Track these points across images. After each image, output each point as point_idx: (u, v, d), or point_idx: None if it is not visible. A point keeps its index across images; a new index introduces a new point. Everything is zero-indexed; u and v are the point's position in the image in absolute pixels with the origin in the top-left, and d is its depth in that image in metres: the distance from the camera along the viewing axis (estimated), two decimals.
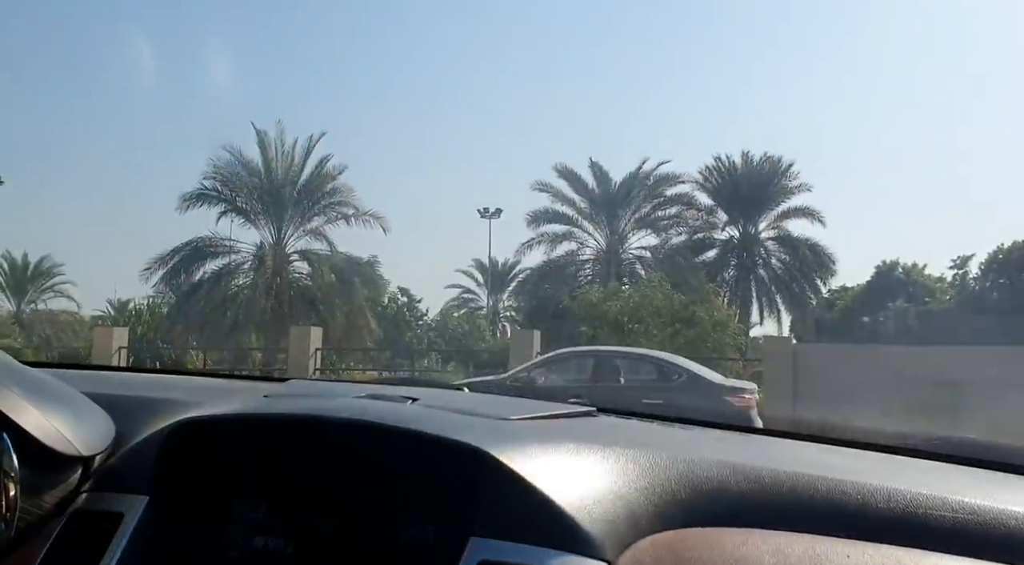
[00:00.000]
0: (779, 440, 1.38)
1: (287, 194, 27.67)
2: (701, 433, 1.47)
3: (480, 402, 1.42)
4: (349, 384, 1.63)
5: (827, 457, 1.27)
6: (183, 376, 1.99)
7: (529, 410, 1.32)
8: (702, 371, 12.43)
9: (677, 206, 31.95)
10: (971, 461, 1.26)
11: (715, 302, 23.55)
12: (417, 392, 1.39)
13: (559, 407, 1.43)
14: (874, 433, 1.42)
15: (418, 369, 23.58)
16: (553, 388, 12.61)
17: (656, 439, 1.34)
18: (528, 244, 31.89)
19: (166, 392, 1.46)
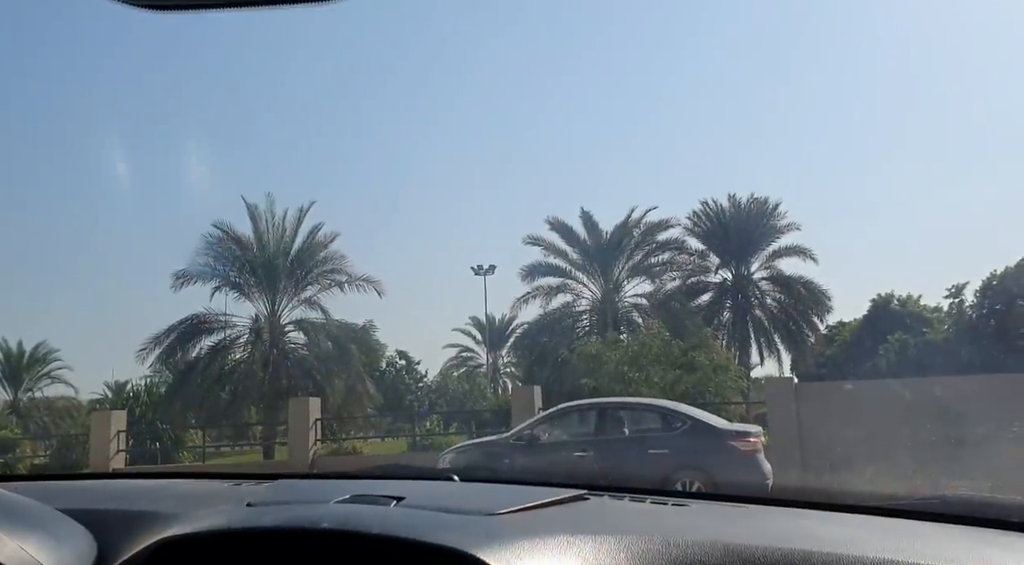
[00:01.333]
0: (775, 510, 1.38)
1: (280, 265, 27.78)
2: (696, 509, 1.46)
3: (467, 496, 1.41)
4: (335, 482, 1.62)
5: (823, 527, 1.27)
6: (168, 480, 1.98)
7: (518, 500, 1.31)
8: (705, 417, 12.33)
9: (669, 252, 32.17)
10: (967, 519, 1.26)
11: (714, 346, 23.52)
12: (404, 488, 1.38)
13: (550, 493, 1.41)
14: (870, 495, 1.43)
15: (420, 433, 23.34)
16: (557, 444, 12.48)
17: (648, 522, 1.33)
18: (524, 298, 31.97)
19: (149, 503, 1.45)
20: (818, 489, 1.93)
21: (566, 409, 13.31)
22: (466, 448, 13.53)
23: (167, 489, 1.78)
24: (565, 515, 1.32)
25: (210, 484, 1.85)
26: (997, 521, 1.25)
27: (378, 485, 1.44)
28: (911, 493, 1.50)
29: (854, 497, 1.46)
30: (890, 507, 1.35)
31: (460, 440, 16.99)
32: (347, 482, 1.55)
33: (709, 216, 34.60)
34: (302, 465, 16.76)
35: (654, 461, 11.30)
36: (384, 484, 1.46)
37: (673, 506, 1.47)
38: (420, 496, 1.33)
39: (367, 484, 1.46)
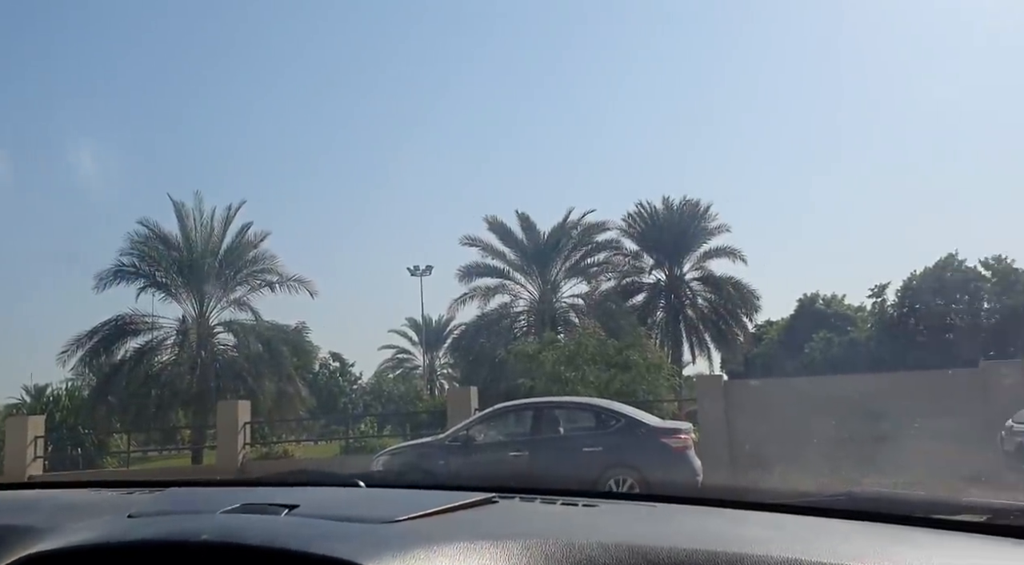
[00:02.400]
0: (688, 509, 1.37)
1: (208, 265, 27.07)
2: (607, 510, 1.45)
3: (368, 502, 1.37)
4: (230, 490, 1.55)
5: (731, 526, 1.27)
6: (50, 490, 1.88)
7: (422, 506, 1.28)
8: (638, 415, 12.48)
9: (605, 253, 32.52)
10: (874, 515, 1.27)
11: (648, 345, 23.84)
12: (301, 496, 1.33)
13: (458, 497, 1.38)
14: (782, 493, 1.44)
15: (353, 435, 23.03)
16: (493, 444, 12.48)
17: (555, 524, 1.31)
18: (461, 299, 31.88)
19: (20, 516, 1.37)
20: (732, 487, 1.95)
21: (502, 409, 13.31)
22: (400, 450, 13.41)
23: (46, 500, 1.69)
24: (469, 520, 1.29)
25: (94, 494, 1.75)
26: (902, 517, 1.27)
27: (274, 493, 1.38)
28: (821, 489, 1.51)
29: (767, 494, 1.47)
30: (800, 504, 1.35)
31: (395, 442, 16.82)
32: (242, 490, 1.48)
33: (644, 218, 35.12)
34: (231, 469, 16.39)
35: (588, 459, 11.39)
36: (281, 492, 1.40)
37: (584, 507, 1.45)
38: (316, 504, 1.28)
39: (262, 492, 1.40)
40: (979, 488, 10.06)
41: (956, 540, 1.21)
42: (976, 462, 10.81)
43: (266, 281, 27.66)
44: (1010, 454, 9.94)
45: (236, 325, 27.44)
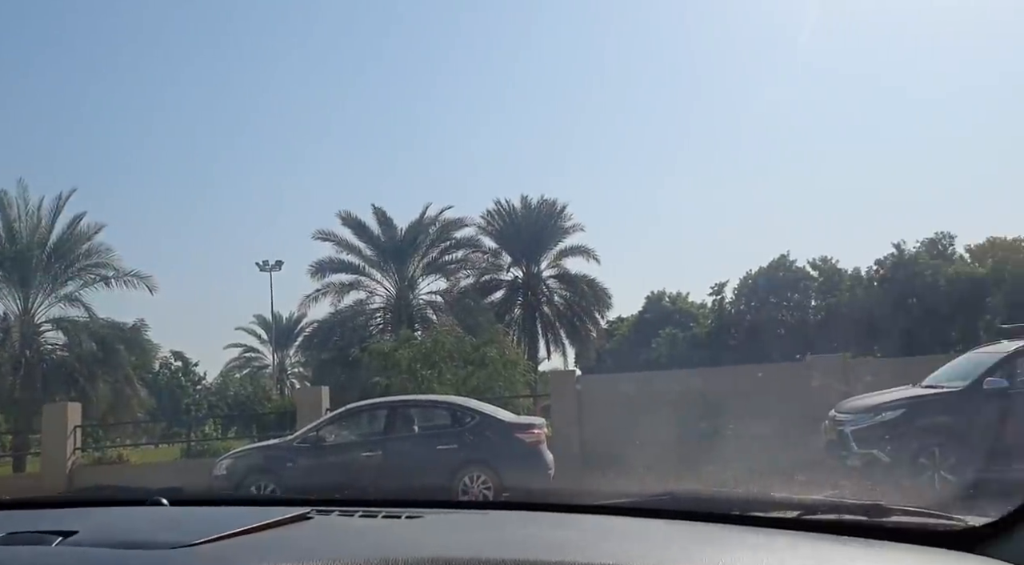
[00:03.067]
0: (514, 515, 1.35)
1: (35, 258, 24.99)
2: (430, 521, 1.40)
3: (165, 524, 1.25)
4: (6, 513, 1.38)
5: (552, 531, 1.25)
6: None
7: (228, 525, 1.18)
8: (493, 411, 12.58)
9: (464, 250, 32.62)
10: (694, 515, 1.30)
11: (504, 342, 24.08)
12: (83, 520, 1.20)
13: (269, 513, 1.29)
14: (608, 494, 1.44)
15: (196, 438, 21.90)
16: (345, 445, 12.21)
17: (371, 540, 1.25)
18: (313, 296, 31.05)
19: None
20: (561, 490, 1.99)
21: (354, 409, 13.06)
22: (246, 452, 12.88)
23: None
24: (278, 539, 1.21)
25: None
26: (721, 515, 1.30)
27: (53, 517, 1.23)
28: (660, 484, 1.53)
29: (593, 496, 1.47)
30: (626, 506, 1.36)
31: (241, 444, 16.12)
32: (17, 514, 1.32)
33: (502, 216, 35.56)
34: (57, 478, 15.15)
35: (443, 457, 11.37)
36: (63, 515, 1.25)
37: (407, 519, 1.40)
38: (101, 528, 1.15)
39: (39, 516, 1.24)
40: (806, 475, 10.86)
41: (770, 537, 1.25)
42: (803, 451, 11.63)
43: (100, 275, 25.88)
44: (833, 443, 10.74)
45: (66, 322, 25.51)
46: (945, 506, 1.38)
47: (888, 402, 10.54)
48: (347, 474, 11.22)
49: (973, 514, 1.26)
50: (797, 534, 1.25)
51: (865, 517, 1.27)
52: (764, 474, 10.82)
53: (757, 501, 1.39)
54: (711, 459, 12.41)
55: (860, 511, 1.30)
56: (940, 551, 1.17)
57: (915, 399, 10.55)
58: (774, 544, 1.22)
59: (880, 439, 10.07)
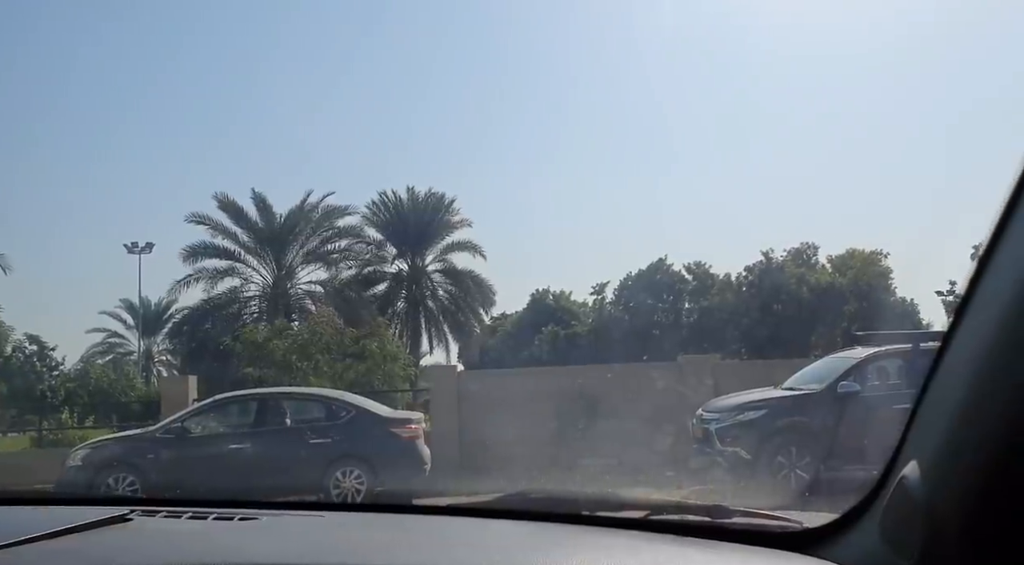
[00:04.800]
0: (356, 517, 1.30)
1: None
2: (265, 523, 1.32)
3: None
4: None
5: (394, 534, 1.21)
6: None
7: (36, 527, 1.08)
8: (369, 405, 12.42)
9: (347, 240, 32.03)
10: (546, 515, 1.28)
11: (386, 335, 23.83)
12: None
13: (85, 514, 1.17)
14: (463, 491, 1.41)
15: (49, 426, 20.54)
16: (211, 437, 11.79)
17: (198, 543, 1.17)
18: (184, 281, 29.77)
19: None
20: (409, 491, 1.96)
21: (222, 400, 12.64)
22: (103, 443, 12.24)
23: None
24: (89, 543, 1.12)
25: None
26: (570, 515, 1.29)
27: None
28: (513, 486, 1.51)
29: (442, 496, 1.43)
30: (470, 506, 1.33)
31: (100, 434, 15.25)
32: None
33: (388, 207, 35.15)
34: None
35: (315, 451, 11.14)
36: None
37: (239, 521, 1.32)
38: None
39: None
40: (673, 471, 11.30)
41: (614, 538, 1.25)
42: (673, 448, 12.08)
43: None
44: (699, 439, 11.21)
45: None
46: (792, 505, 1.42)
47: (751, 402, 11.10)
48: (213, 467, 10.82)
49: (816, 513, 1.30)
50: (640, 535, 1.25)
51: (708, 518, 1.29)
52: (631, 469, 11.21)
53: (606, 501, 1.39)
54: (583, 454, 12.72)
55: (703, 512, 1.32)
56: (775, 552, 1.19)
57: (775, 400, 11.14)
58: (617, 545, 1.21)
59: (742, 437, 10.59)
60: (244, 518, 1.30)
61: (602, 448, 12.97)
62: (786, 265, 41.66)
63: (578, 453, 12.90)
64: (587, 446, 13.21)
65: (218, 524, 1.28)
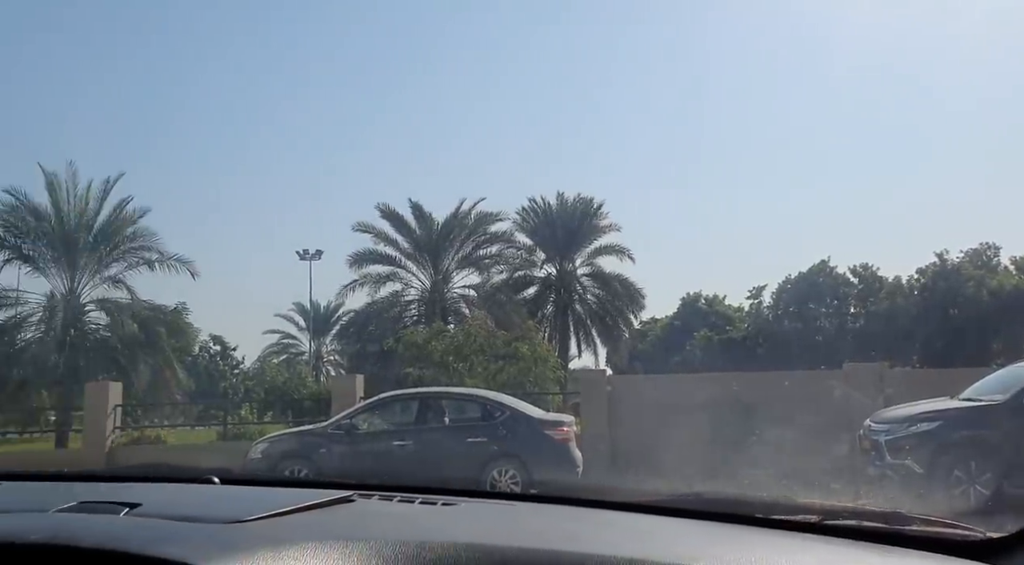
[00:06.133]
0: (545, 508, 1.40)
1: (81, 239, 25.59)
2: (465, 509, 1.46)
3: (219, 501, 1.34)
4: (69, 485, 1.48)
5: (581, 526, 1.31)
6: None
7: (275, 504, 1.25)
8: (523, 407, 12.63)
9: (498, 245, 32.69)
10: (718, 515, 1.34)
11: (536, 338, 24.14)
12: (146, 493, 1.29)
13: (315, 495, 1.36)
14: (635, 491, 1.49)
15: (232, 421, 22.29)
16: (377, 433, 12.37)
17: (410, 524, 1.31)
18: (351, 286, 31.39)
19: None
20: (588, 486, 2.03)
21: (387, 399, 13.21)
22: (281, 437, 13.12)
23: None
24: (322, 520, 1.28)
25: None
26: (743, 517, 1.35)
27: (117, 489, 1.32)
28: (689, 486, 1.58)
29: (619, 493, 1.52)
30: (650, 504, 1.41)
31: (276, 429, 16.40)
32: (83, 486, 1.42)
33: (537, 213, 35.58)
34: (97, 454, 15.57)
35: (472, 450, 11.47)
36: (125, 488, 1.34)
37: (442, 506, 1.46)
38: (161, 502, 1.24)
39: (105, 488, 1.34)
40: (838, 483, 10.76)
41: (790, 540, 1.29)
42: (835, 459, 11.52)
43: (144, 259, 26.39)
44: (867, 452, 10.63)
45: (110, 303, 26.05)
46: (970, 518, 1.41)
47: (924, 413, 10.40)
48: (379, 462, 11.38)
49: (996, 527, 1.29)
50: (816, 538, 1.29)
51: (885, 524, 1.31)
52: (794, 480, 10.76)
53: (780, 504, 1.43)
54: (741, 463, 12.32)
55: (880, 518, 1.34)
56: (955, 560, 1.20)
57: (953, 411, 10.39)
58: (794, 546, 1.26)
59: (914, 450, 9.94)
60: (446, 503, 1.46)
61: (760, 457, 12.54)
62: (963, 267, 38.61)
63: (734, 462, 12.54)
64: (744, 455, 12.82)
65: (425, 507, 1.43)
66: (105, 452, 15.80)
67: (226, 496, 1.44)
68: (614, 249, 35.05)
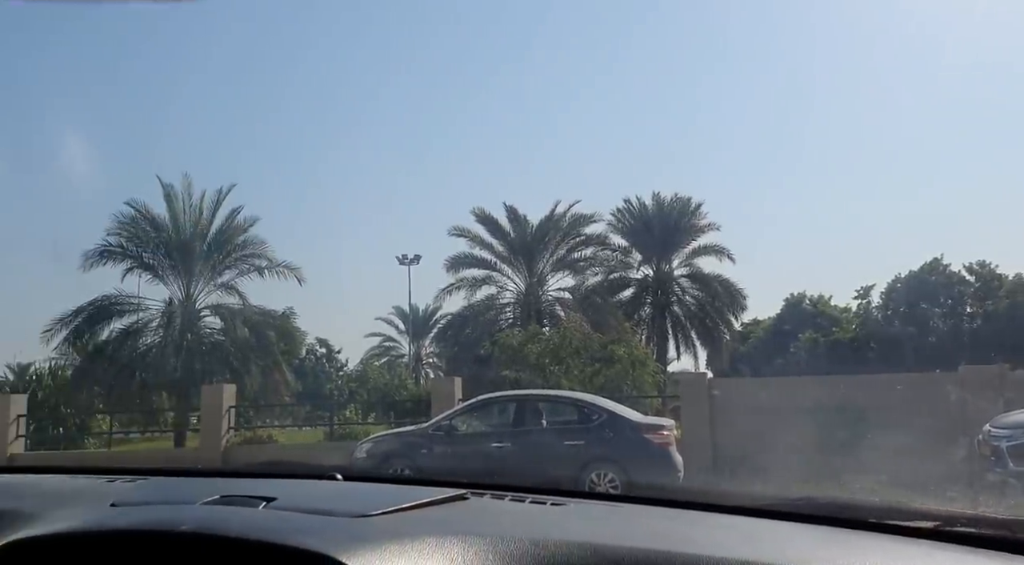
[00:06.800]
0: (653, 510, 1.42)
1: (196, 248, 26.94)
2: (574, 509, 1.49)
3: (344, 496, 1.41)
4: (209, 480, 1.59)
5: (691, 528, 1.32)
6: (38, 475, 1.91)
7: (395, 501, 1.32)
8: (621, 410, 12.57)
9: (593, 247, 32.54)
10: (830, 520, 1.33)
11: (633, 341, 23.93)
12: (279, 488, 1.37)
13: (430, 493, 1.43)
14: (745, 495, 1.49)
15: (338, 422, 23.06)
16: (476, 435, 12.56)
17: (523, 522, 1.35)
18: (448, 290, 31.89)
19: (9, 501, 1.40)
20: (697, 489, 2.02)
21: (485, 400, 13.38)
22: (384, 438, 13.47)
23: (33, 486, 1.73)
24: (440, 516, 1.33)
25: (79, 481, 1.79)
26: (858, 522, 1.33)
27: (253, 484, 1.42)
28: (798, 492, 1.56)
29: (729, 497, 1.52)
30: (760, 507, 1.41)
31: (379, 430, 16.86)
32: (221, 481, 1.53)
33: (632, 213, 35.21)
34: (213, 453, 16.38)
35: (570, 453, 11.48)
36: (259, 483, 1.44)
37: (552, 506, 1.49)
38: (293, 496, 1.33)
39: (241, 483, 1.44)
40: (956, 490, 10.22)
41: (906, 546, 1.27)
42: (953, 465, 10.96)
43: (255, 266, 27.59)
44: (986, 458, 10.07)
45: (223, 309, 27.34)
46: None
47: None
48: (478, 463, 11.54)
49: None
50: (933, 544, 1.26)
51: (1008, 532, 1.27)
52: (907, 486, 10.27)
53: (894, 510, 1.40)
54: (851, 469, 11.85)
55: (1002, 526, 1.30)
56: None
57: None
58: (910, 553, 1.23)
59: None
60: (555, 503, 1.49)
61: (871, 463, 12.04)
62: None
63: (844, 467, 12.08)
64: (853, 461, 12.33)
65: (536, 506, 1.47)
66: (221, 451, 16.59)
67: (349, 492, 1.53)
68: (713, 249, 34.34)
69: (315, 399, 33.30)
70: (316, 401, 31.73)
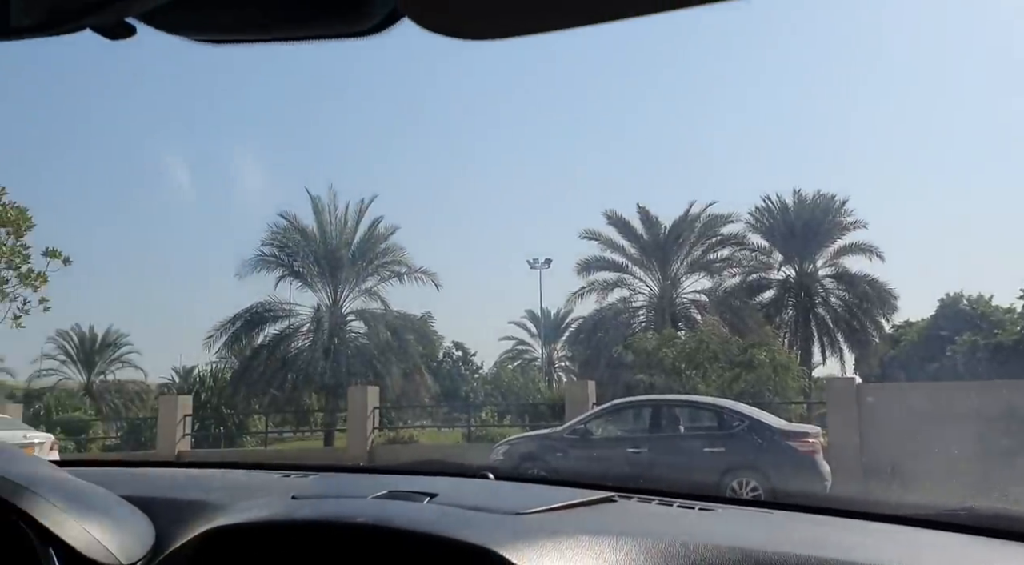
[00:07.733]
0: (801, 516, 1.41)
1: (342, 256, 28.31)
2: (722, 514, 1.50)
3: (498, 494, 1.48)
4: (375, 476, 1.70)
5: (841, 535, 1.30)
6: (222, 470, 2.10)
7: (547, 500, 1.38)
8: (763, 416, 12.18)
9: (729, 247, 31.61)
10: (992, 532, 1.28)
11: (775, 344, 23.12)
12: (438, 485, 1.46)
13: (578, 494, 1.47)
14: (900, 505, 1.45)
15: (475, 423, 23.56)
16: (611, 439, 12.51)
17: (671, 525, 1.38)
18: (579, 293, 31.85)
19: (202, 493, 1.54)
20: (849, 497, 1.94)
21: (621, 405, 13.31)
22: (520, 440, 13.65)
23: (219, 479, 1.90)
24: (590, 517, 1.37)
25: (260, 475, 1.96)
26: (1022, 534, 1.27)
27: (414, 481, 1.52)
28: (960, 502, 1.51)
29: (884, 506, 1.48)
30: (915, 517, 1.37)
31: (514, 432, 17.12)
32: (385, 477, 1.63)
33: (772, 212, 33.92)
34: (360, 452, 17.12)
35: (709, 460, 11.25)
36: (420, 480, 1.54)
37: (700, 510, 1.51)
38: (453, 493, 1.41)
39: (404, 480, 1.54)
40: None
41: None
42: None
43: (395, 272, 28.70)
44: None
45: (367, 314, 28.56)
46: None
47: None
48: (613, 468, 11.50)
49: None
50: None
51: None
52: None
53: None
54: (1016, 480, 10.97)
55: None
56: None
57: None
58: None
59: None
60: (703, 509, 1.50)
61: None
62: None
63: (1008, 478, 11.19)
64: (1019, 471, 11.40)
65: (683, 511, 1.49)
66: (367, 450, 17.33)
67: (502, 490, 1.60)
68: (860, 248, 32.53)
69: (452, 401, 34.19)
70: (454, 403, 32.58)
